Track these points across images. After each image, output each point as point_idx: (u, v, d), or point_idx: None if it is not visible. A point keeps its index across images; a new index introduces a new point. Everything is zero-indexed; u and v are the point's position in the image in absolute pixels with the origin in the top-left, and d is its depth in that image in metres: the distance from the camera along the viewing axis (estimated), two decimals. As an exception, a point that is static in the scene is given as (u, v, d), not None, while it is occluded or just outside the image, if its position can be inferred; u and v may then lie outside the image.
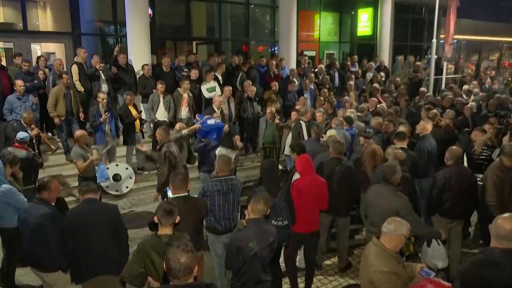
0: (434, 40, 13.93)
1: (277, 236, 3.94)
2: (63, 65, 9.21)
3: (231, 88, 9.69)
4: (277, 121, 8.51)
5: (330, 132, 6.67)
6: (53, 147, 7.58)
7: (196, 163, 7.41)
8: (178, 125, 7.30)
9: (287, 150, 8.02)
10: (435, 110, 7.89)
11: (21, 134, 6.29)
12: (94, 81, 9.20)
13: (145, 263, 3.40)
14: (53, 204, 4.31)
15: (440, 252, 4.94)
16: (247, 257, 3.69)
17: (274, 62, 11.77)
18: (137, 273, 3.42)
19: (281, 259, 5.04)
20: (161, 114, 9.14)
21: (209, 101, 9.69)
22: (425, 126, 6.70)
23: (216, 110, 8.84)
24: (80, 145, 6.51)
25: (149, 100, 9.12)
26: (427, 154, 6.38)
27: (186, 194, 4.28)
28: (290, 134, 8.01)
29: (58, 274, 4.20)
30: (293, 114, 8.31)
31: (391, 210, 4.35)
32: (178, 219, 3.54)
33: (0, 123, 7.55)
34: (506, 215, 3.03)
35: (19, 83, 7.89)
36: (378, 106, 9.80)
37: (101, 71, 9.27)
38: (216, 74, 10.49)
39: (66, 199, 6.71)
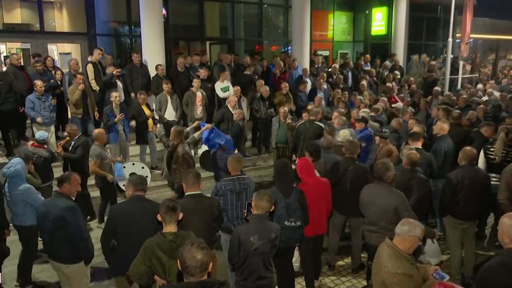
0: (450, 39, 13.76)
1: (281, 233, 3.96)
2: (79, 65, 9.32)
3: (239, 87, 9.70)
4: (289, 120, 8.51)
5: (343, 132, 6.64)
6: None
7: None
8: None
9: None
10: (457, 111, 7.78)
11: (41, 135, 6.38)
12: (110, 88, 9.12)
13: (151, 261, 3.42)
14: (73, 199, 4.39)
15: (434, 250, 5.08)
16: (248, 252, 3.73)
17: (281, 63, 11.71)
18: (143, 271, 3.45)
19: (294, 259, 5.04)
20: (170, 114, 9.16)
21: (222, 101, 9.74)
22: (442, 126, 6.62)
23: (231, 109, 8.91)
24: (99, 144, 6.57)
25: (156, 101, 9.11)
26: (444, 154, 6.32)
27: (199, 192, 4.30)
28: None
29: (79, 266, 4.27)
30: (305, 116, 8.30)
31: (388, 207, 4.35)
32: (181, 215, 3.56)
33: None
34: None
35: (39, 83, 8.01)
36: (393, 106, 9.75)
37: (116, 79, 9.25)
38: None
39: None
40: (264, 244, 3.76)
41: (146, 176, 7.85)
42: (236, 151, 7.25)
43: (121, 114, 7.99)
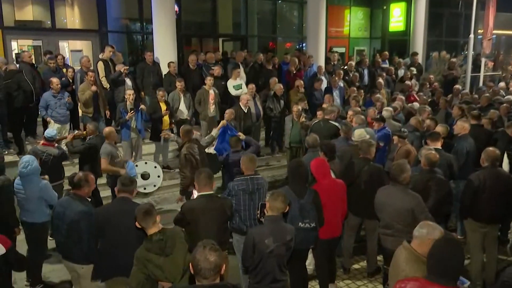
0: (472, 35, 13.55)
1: (295, 235, 3.95)
2: (90, 62, 9.41)
3: (254, 85, 9.70)
4: (302, 119, 8.48)
5: (359, 131, 6.59)
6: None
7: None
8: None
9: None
10: (477, 110, 7.67)
11: (49, 133, 6.47)
12: (119, 86, 9.19)
13: (147, 268, 3.45)
14: (89, 199, 4.48)
15: None
16: (263, 254, 3.72)
17: (296, 60, 11.69)
18: (143, 280, 3.48)
19: (308, 262, 5.03)
20: (182, 112, 9.20)
21: (235, 99, 9.76)
22: (464, 126, 6.54)
23: (243, 108, 8.92)
24: (110, 142, 6.65)
25: (169, 98, 9.12)
26: (465, 155, 6.25)
27: (211, 192, 4.32)
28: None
29: (91, 267, 4.35)
30: (319, 114, 8.27)
31: (404, 209, 4.31)
32: (159, 218, 3.60)
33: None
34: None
35: (55, 81, 8.10)
36: (409, 104, 9.64)
37: (125, 77, 9.28)
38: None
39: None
40: (279, 246, 3.75)
41: (158, 176, 7.93)
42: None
43: (132, 111, 8.03)
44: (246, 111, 8.96)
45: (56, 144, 6.58)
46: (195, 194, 4.47)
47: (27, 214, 5.21)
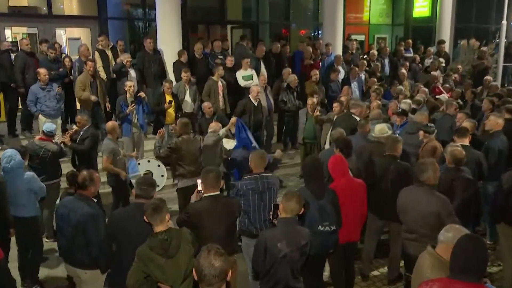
0: (504, 21, 13.34)
1: (312, 239, 3.93)
2: (90, 51, 9.43)
3: (266, 76, 9.64)
4: (317, 113, 8.42)
5: (379, 126, 6.54)
6: None
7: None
8: (214, 125, 7.11)
9: (327, 146, 7.94)
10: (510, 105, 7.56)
11: (48, 127, 6.51)
12: (122, 77, 9.20)
13: (148, 268, 3.47)
14: (95, 199, 4.51)
15: None
16: (275, 259, 3.71)
17: (310, 48, 11.62)
18: (142, 279, 3.50)
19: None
20: (187, 106, 9.16)
21: (245, 90, 9.74)
22: (497, 121, 6.46)
23: (253, 101, 8.88)
24: (112, 138, 6.68)
25: (174, 90, 9.04)
26: (497, 153, 6.17)
27: (218, 193, 4.32)
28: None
29: (97, 273, 4.38)
30: (335, 106, 8.21)
31: (429, 213, 4.27)
32: (169, 216, 3.61)
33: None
34: None
35: (42, 71, 8.12)
36: (437, 97, 9.55)
37: (129, 68, 9.31)
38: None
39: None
40: (292, 251, 3.73)
41: (162, 175, 7.95)
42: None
43: (133, 105, 8.04)
44: (256, 104, 8.91)
45: (54, 140, 6.63)
46: (199, 184, 4.43)
47: (19, 209, 5.27)
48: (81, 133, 6.91)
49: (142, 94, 8.45)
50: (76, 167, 6.85)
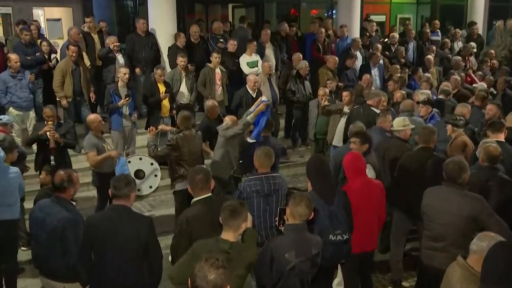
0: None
1: (323, 249, 3.92)
2: (80, 35, 9.35)
3: (270, 63, 9.58)
4: (325, 102, 8.35)
5: (399, 120, 6.52)
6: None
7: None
8: (228, 119, 6.98)
9: (336, 141, 7.94)
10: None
11: (4, 117, 6.61)
12: (108, 64, 9.25)
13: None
14: (74, 203, 4.52)
15: None
16: (283, 271, 3.70)
17: (323, 30, 11.58)
18: (187, 276, 3.47)
19: (338, 281, 5.03)
20: (183, 96, 9.13)
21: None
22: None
23: (250, 92, 8.74)
24: (95, 132, 6.69)
25: (168, 78, 8.99)
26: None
27: (209, 195, 4.27)
28: (343, 121, 7.88)
29: (76, 286, 4.35)
30: (345, 95, 8.14)
31: (463, 216, 4.24)
32: (245, 225, 3.61)
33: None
34: None
35: (13, 57, 8.08)
36: (474, 85, 9.54)
37: (116, 53, 9.34)
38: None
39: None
40: (302, 262, 3.72)
41: (155, 175, 7.97)
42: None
43: (127, 98, 7.96)
44: (254, 96, 8.59)
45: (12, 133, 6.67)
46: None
47: (8, 209, 5.22)
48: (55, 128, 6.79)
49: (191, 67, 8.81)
50: (41, 168, 6.64)
